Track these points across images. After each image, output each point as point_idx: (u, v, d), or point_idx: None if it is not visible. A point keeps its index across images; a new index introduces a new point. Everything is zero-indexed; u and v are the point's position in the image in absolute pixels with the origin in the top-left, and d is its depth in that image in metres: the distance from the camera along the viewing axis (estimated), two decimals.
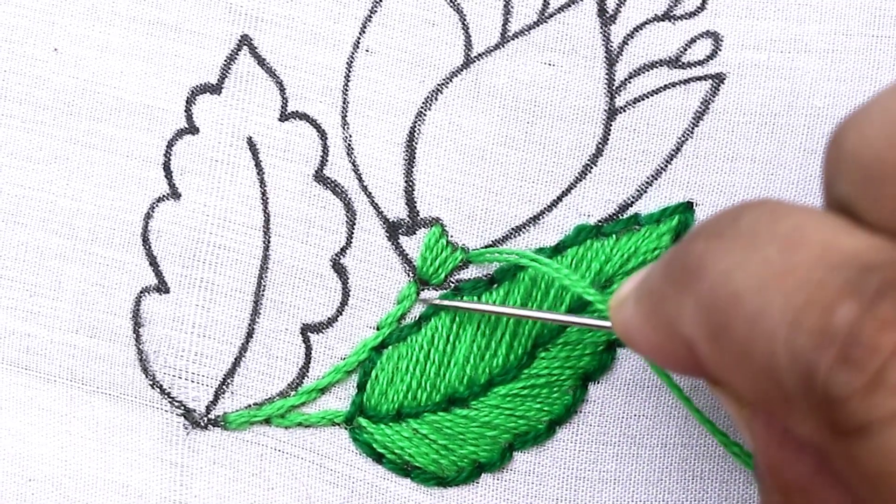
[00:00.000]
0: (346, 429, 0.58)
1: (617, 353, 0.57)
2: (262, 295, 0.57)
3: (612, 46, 0.57)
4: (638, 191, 0.57)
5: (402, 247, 0.57)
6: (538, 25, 0.57)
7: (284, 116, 0.57)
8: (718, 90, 0.57)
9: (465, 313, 0.57)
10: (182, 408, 0.58)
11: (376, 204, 0.57)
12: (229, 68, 0.57)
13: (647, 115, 0.57)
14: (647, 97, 0.57)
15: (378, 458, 0.58)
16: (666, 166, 0.57)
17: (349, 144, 0.57)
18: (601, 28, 0.57)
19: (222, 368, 0.58)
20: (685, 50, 0.57)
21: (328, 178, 0.57)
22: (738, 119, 0.57)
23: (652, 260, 0.57)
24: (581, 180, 0.57)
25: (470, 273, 0.58)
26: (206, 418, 0.58)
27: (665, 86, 0.57)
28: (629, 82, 0.57)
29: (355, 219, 0.57)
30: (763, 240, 0.35)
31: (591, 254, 0.57)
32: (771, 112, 0.57)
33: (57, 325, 0.57)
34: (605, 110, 0.57)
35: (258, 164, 0.57)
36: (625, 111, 0.57)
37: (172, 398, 0.58)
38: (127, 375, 0.58)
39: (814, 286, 0.33)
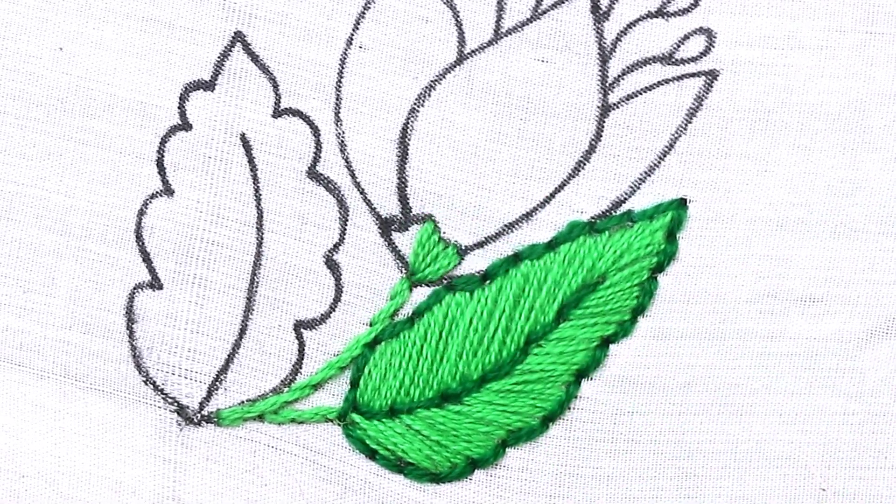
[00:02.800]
0: (339, 425, 0.58)
1: (610, 350, 0.57)
2: (256, 291, 0.57)
3: (605, 43, 0.57)
4: (631, 187, 0.57)
5: (394, 243, 0.57)
6: (531, 22, 0.57)
7: (278, 113, 0.57)
8: (712, 87, 0.57)
9: (459, 310, 0.57)
10: (175, 404, 0.58)
11: (369, 200, 0.57)
12: (223, 65, 0.57)
13: (641, 112, 0.57)
14: (641, 94, 0.57)
15: (371, 455, 0.58)
16: (659, 163, 0.57)
17: (342, 141, 0.57)
18: (594, 25, 0.57)
19: (215, 365, 0.58)
20: (678, 46, 0.57)
21: (321, 174, 0.57)
22: (732, 116, 0.57)
23: (645, 256, 0.57)
24: (574, 177, 0.57)
25: (462, 269, 0.58)
26: (199, 415, 0.58)
27: (658, 82, 0.57)
28: (622, 79, 0.57)
29: (348, 215, 0.57)
30: None
31: (583, 250, 0.57)
32: (764, 108, 0.57)
33: (50, 322, 0.57)
34: (599, 107, 0.57)
35: (251, 161, 0.57)
36: (618, 108, 0.57)
37: (166, 394, 0.58)
38: (120, 372, 0.58)
39: None
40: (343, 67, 0.57)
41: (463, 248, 0.57)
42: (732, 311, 0.57)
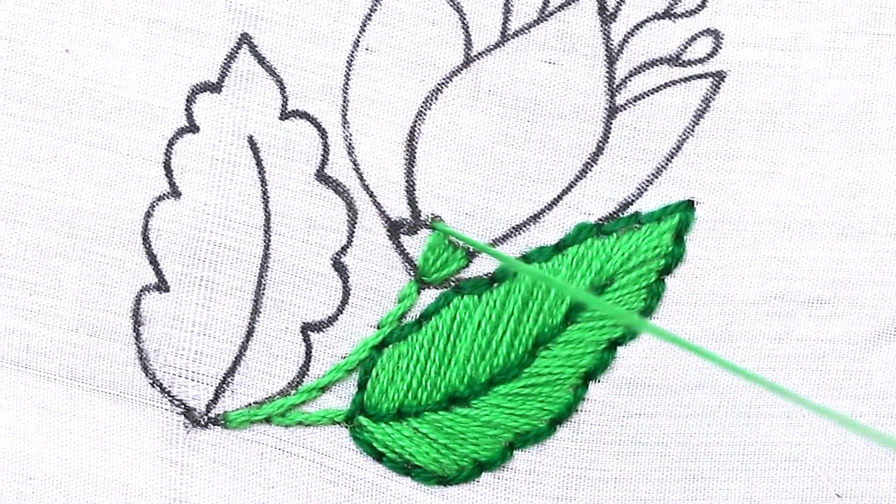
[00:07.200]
0: (346, 427, 0.58)
1: (618, 352, 0.57)
2: (263, 294, 0.57)
3: (612, 44, 0.57)
4: (639, 189, 0.57)
5: (403, 246, 0.57)
6: (538, 24, 0.57)
7: (285, 115, 0.57)
8: (719, 88, 0.57)
9: (467, 312, 0.57)
10: (182, 406, 0.58)
11: (378, 203, 0.57)
12: (229, 67, 0.57)
13: (648, 114, 0.57)
14: (648, 95, 0.57)
15: (378, 457, 0.58)
16: (667, 165, 0.57)
17: (350, 143, 0.57)
18: (601, 26, 0.57)
19: (222, 367, 0.58)
20: (686, 48, 0.57)
21: (329, 176, 0.57)
22: (739, 117, 0.57)
23: (653, 258, 0.57)
24: (582, 179, 0.57)
25: (471, 272, 0.57)
26: (206, 417, 0.58)
27: (666, 84, 0.57)
28: (630, 80, 0.57)
29: (356, 218, 0.57)
30: None
31: (591, 252, 0.57)
32: (772, 110, 0.57)
33: (57, 324, 0.57)
34: (606, 108, 0.57)
35: (259, 163, 0.57)
36: (625, 109, 0.57)
37: (172, 397, 0.58)
38: (127, 374, 0.58)
39: None
40: (350, 70, 0.57)
41: (471, 250, 0.57)
42: (740, 313, 0.57)
